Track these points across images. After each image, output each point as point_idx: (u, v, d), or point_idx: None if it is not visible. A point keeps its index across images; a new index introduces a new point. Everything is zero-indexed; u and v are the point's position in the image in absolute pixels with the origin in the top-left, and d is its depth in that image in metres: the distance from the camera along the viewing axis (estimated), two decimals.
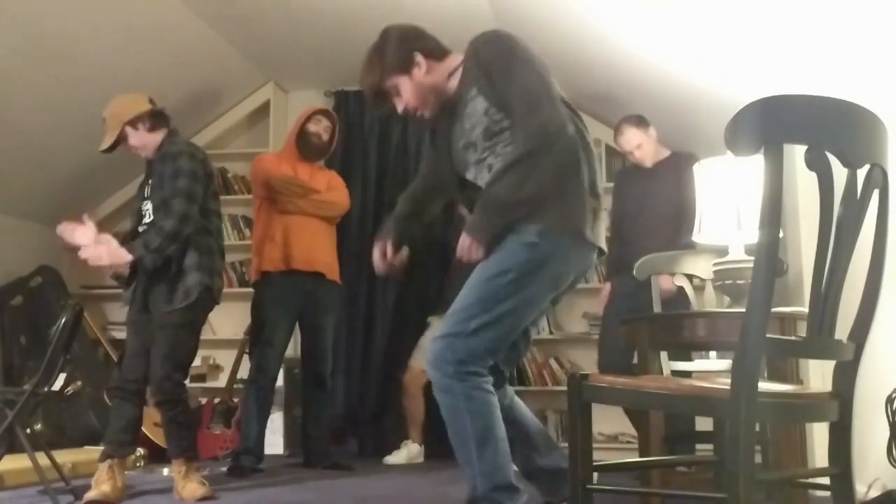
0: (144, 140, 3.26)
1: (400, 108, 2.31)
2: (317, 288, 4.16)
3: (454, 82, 2.25)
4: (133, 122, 3.22)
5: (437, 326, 4.20)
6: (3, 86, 4.19)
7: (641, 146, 3.93)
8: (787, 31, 3.12)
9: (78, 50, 4.21)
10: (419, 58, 2.27)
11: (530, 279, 2.04)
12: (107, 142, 3.25)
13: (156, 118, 3.27)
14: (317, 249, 4.16)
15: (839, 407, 1.59)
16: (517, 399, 2.37)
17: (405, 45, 2.29)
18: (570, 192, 2.10)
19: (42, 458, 3.16)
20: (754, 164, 2.31)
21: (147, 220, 3.22)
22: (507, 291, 2.02)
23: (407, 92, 2.27)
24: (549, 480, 2.29)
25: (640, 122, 3.95)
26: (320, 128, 4.27)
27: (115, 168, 4.93)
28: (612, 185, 5.28)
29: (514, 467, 2.12)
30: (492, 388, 2.05)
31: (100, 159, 3.36)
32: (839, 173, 1.41)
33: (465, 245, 2.08)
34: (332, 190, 4.32)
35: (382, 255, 2.39)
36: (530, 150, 2.03)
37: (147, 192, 3.28)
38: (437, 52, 2.32)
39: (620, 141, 4.00)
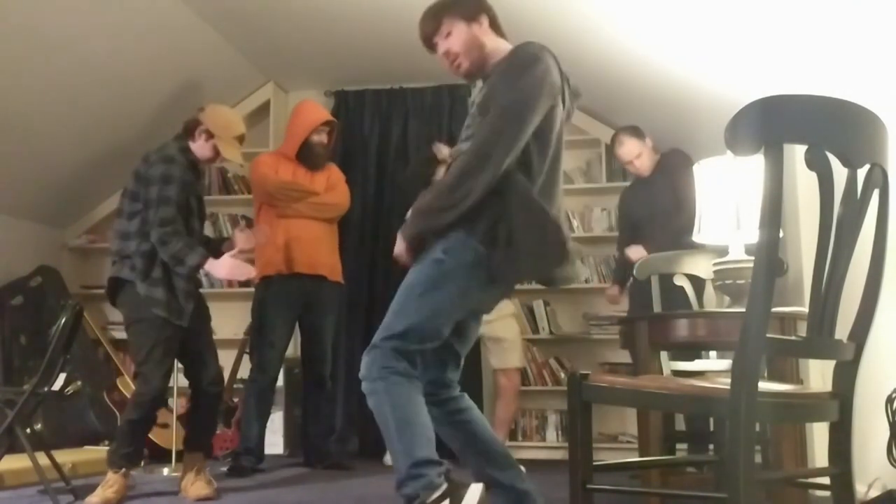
0: None
1: (441, 50, 2.33)
2: (318, 289, 4.16)
3: (492, 61, 2.29)
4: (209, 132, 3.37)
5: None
6: (3, 86, 4.19)
7: (641, 155, 4.01)
8: (787, 31, 3.12)
9: (77, 50, 4.21)
10: (484, 19, 2.33)
11: (435, 291, 2.14)
12: (236, 155, 3.41)
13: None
14: (318, 252, 4.16)
15: (839, 407, 1.59)
16: (477, 412, 2.36)
17: (479, 2, 2.36)
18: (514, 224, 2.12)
19: (42, 458, 3.17)
20: (754, 164, 2.31)
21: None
22: (416, 303, 2.14)
23: (458, 36, 2.30)
24: (506, 496, 2.25)
25: (637, 132, 4.02)
26: (322, 137, 4.27)
27: (115, 168, 4.93)
28: (612, 184, 5.33)
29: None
30: (414, 381, 2.14)
31: (100, 160, 3.36)
32: (839, 173, 1.41)
33: (399, 250, 2.25)
34: (331, 189, 4.31)
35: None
36: (465, 166, 2.11)
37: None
38: (498, 30, 2.39)
39: (620, 152, 4.06)
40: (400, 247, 2.25)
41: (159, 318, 3.11)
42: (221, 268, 3.15)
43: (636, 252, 3.93)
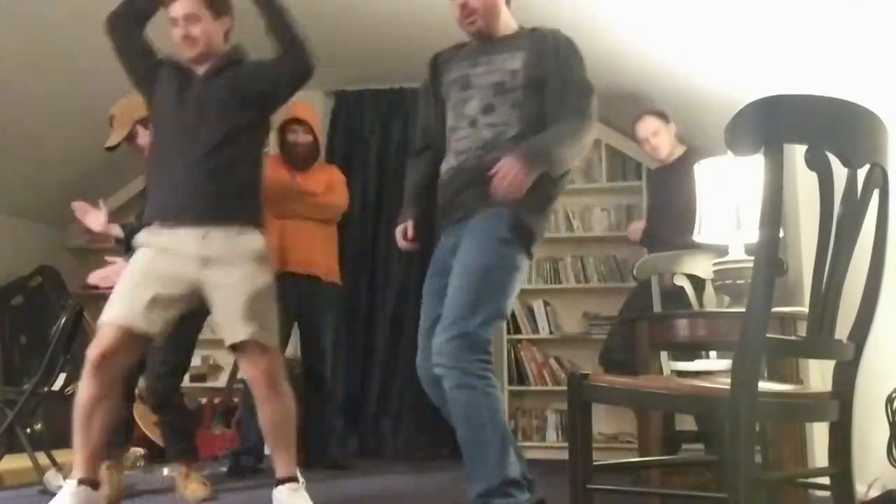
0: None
1: (459, 0, 2.36)
2: (313, 290, 4.16)
3: (501, 31, 2.39)
4: (144, 121, 3.20)
5: None
6: (2, 86, 4.19)
7: (658, 133, 3.91)
8: (787, 31, 3.12)
9: (77, 50, 4.21)
10: None
11: (509, 275, 2.16)
12: (115, 139, 3.24)
13: None
14: (313, 252, 4.15)
15: (839, 407, 1.59)
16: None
17: None
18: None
19: (42, 458, 3.16)
20: (754, 164, 2.31)
21: None
22: (495, 289, 2.13)
23: None
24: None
25: (662, 114, 3.96)
26: (298, 137, 4.23)
27: (115, 168, 4.93)
28: (612, 184, 5.33)
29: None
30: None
31: (100, 159, 3.37)
32: (839, 173, 1.41)
33: (512, 173, 2.09)
34: (330, 190, 4.30)
35: (404, 236, 2.52)
36: (582, 125, 2.24)
37: None
38: (508, 4, 2.48)
39: (638, 127, 3.99)
40: (518, 174, 2.10)
41: None
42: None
43: (635, 228, 4.05)
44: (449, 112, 2.41)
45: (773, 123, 1.40)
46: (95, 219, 3.11)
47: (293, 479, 2.57)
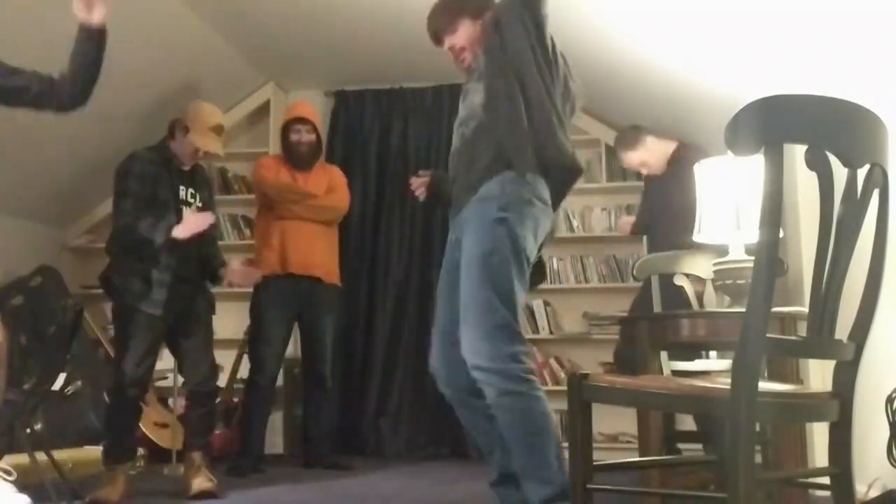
0: None
1: (447, 45, 2.45)
2: (314, 291, 4.17)
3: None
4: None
5: None
6: None
7: (646, 163, 3.92)
8: (787, 31, 3.12)
9: None
10: (489, 16, 2.40)
11: (507, 249, 2.15)
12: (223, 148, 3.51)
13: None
14: (314, 254, 4.16)
15: (839, 407, 1.59)
16: None
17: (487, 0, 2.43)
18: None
19: (42, 458, 3.16)
20: (754, 164, 2.31)
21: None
22: (500, 268, 2.13)
23: (464, 34, 2.41)
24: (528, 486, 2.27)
25: (635, 140, 3.91)
26: (301, 136, 4.25)
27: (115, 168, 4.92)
28: (612, 184, 5.33)
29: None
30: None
31: (99, 159, 3.37)
32: (839, 173, 1.41)
33: None
34: (331, 192, 4.31)
35: (420, 183, 2.61)
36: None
37: (187, 197, 3.39)
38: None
39: (624, 163, 4.04)
40: None
41: (132, 307, 3.20)
42: (181, 228, 3.17)
43: (624, 222, 4.13)
44: None
45: (773, 123, 1.40)
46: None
47: None
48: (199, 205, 3.41)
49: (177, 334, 3.35)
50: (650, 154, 3.90)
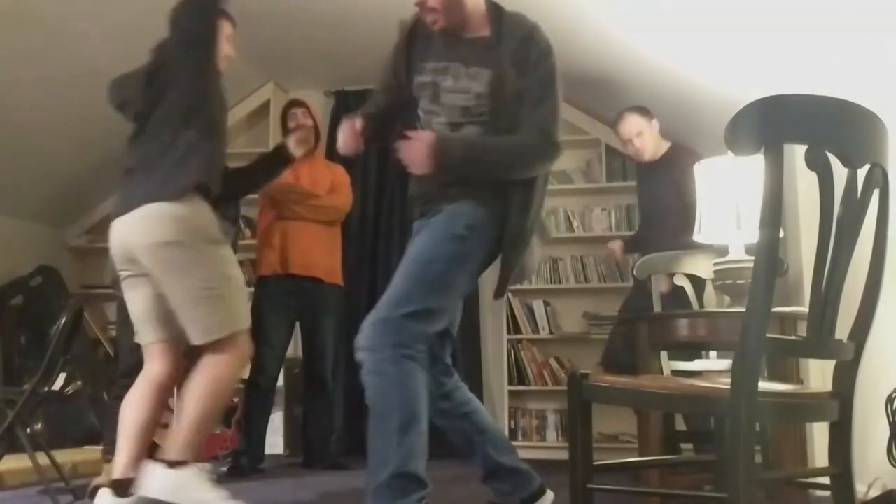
0: None
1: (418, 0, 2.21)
2: (315, 291, 4.16)
3: (473, 28, 2.23)
4: None
5: None
6: (3, 86, 4.19)
7: (642, 134, 3.88)
8: (787, 30, 3.12)
9: (77, 50, 4.21)
10: None
11: (457, 270, 2.07)
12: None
13: None
14: (314, 254, 4.15)
15: (839, 407, 1.59)
16: (470, 393, 2.35)
17: None
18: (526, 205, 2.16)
19: (42, 458, 3.17)
20: (754, 164, 2.30)
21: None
22: (437, 281, 2.04)
23: None
24: (511, 479, 2.28)
25: (643, 111, 3.92)
26: (298, 120, 4.23)
27: (115, 168, 4.91)
28: (611, 184, 5.33)
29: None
30: (425, 376, 2.00)
31: (99, 159, 3.37)
32: (839, 173, 1.41)
33: (419, 148, 2.08)
34: (334, 191, 4.29)
35: (352, 131, 2.35)
36: (531, 147, 2.13)
37: None
38: None
39: (621, 128, 3.94)
40: (421, 158, 2.09)
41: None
42: None
43: (615, 248, 4.14)
44: (418, 109, 2.31)
45: (773, 123, 1.40)
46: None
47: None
48: None
49: None
50: (650, 130, 3.90)
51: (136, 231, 2.44)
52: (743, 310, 1.41)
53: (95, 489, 3.01)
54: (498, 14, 2.24)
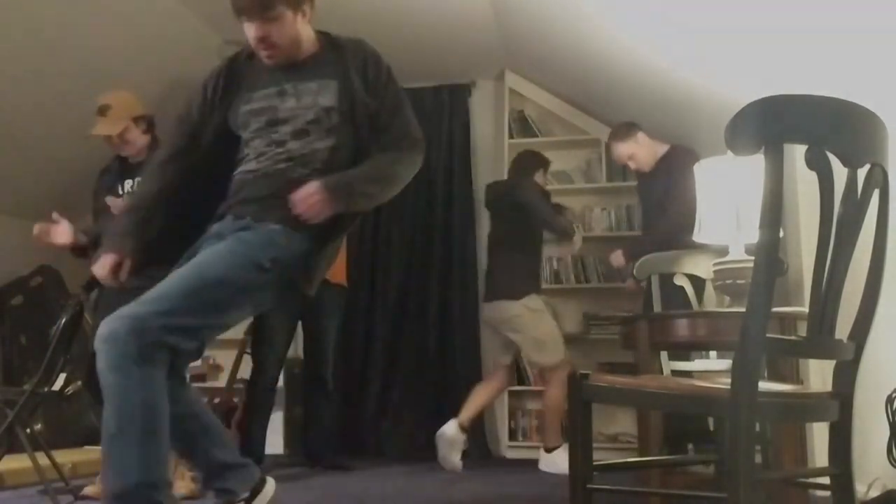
0: (138, 139, 3.33)
1: (258, 32, 2.13)
2: (317, 292, 4.14)
3: (304, 51, 2.23)
4: (137, 119, 3.31)
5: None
6: (3, 86, 4.19)
7: (634, 155, 3.99)
8: (787, 30, 3.12)
9: (77, 50, 4.21)
10: (309, 9, 2.22)
11: (245, 300, 1.98)
12: (114, 128, 3.26)
13: (150, 123, 3.38)
14: None
15: (839, 407, 1.59)
16: (194, 390, 2.22)
17: None
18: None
19: (42, 458, 3.17)
20: (754, 164, 2.30)
21: None
22: (221, 300, 1.91)
23: (281, 27, 2.13)
24: (235, 475, 2.20)
25: (626, 133, 3.99)
26: None
27: None
28: (612, 184, 5.33)
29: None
30: (165, 380, 1.84)
31: (100, 160, 3.37)
32: (839, 173, 1.41)
33: (314, 197, 2.00)
34: None
35: (113, 271, 2.12)
36: (407, 156, 2.19)
37: (124, 191, 3.34)
38: (313, 10, 2.27)
39: (613, 157, 4.10)
40: (320, 206, 2.01)
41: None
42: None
43: (616, 258, 4.06)
44: (246, 131, 2.21)
45: (773, 123, 1.40)
46: (61, 232, 3.18)
47: None
48: None
49: None
50: (639, 148, 3.98)
51: None
52: (743, 310, 1.41)
53: (84, 497, 3.03)
54: (330, 38, 2.30)
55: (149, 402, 1.78)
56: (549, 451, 4.20)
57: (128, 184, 3.33)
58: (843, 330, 1.55)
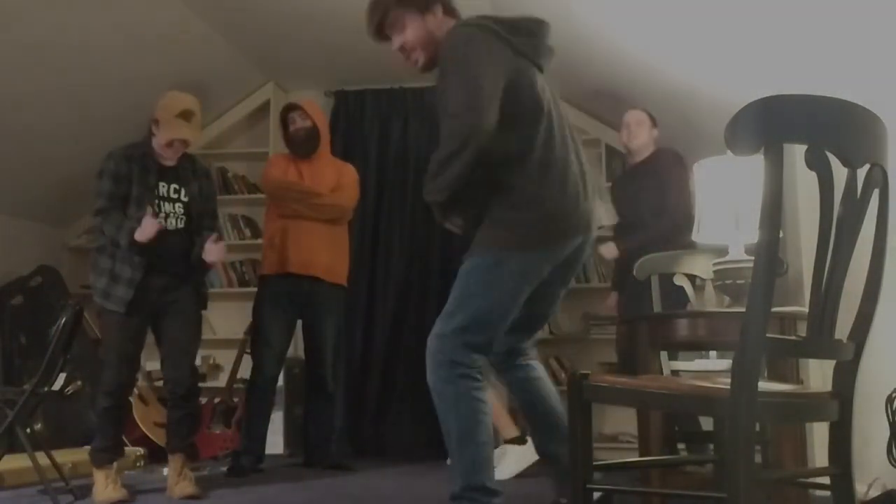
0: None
1: (396, 45, 2.30)
2: (315, 291, 4.14)
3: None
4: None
5: None
6: (3, 86, 4.19)
7: (641, 124, 3.99)
8: (786, 30, 3.12)
9: (78, 50, 4.21)
10: (439, 8, 2.28)
11: (495, 282, 2.14)
12: (197, 135, 3.38)
13: None
14: (315, 252, 4.12)
15: (839, 407, 1.59)
16: (547, 385, 2.43)
17: None
18: (515, 198, 2.18)
19: (42, 458, 3.17)
20: (754, 164, 2.30)
21: (177, 223, 3.29)
22: (477, 294, 2.13)
23: (413, 31, 2.27)
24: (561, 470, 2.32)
25: (652, 116, 4.03)
26: (296, 123, 4.21)
27: None
28: (611, 184, 5.31)
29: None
30: (482, 393, 2.14)
31: (100, 159, 3.37)
32: (839, 173, 1.41)
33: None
34: (339, 189, 4.26)
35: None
36: (448, 153, 2.12)
37: (169, 192, 3.29)
38: (453, 12, 2.34)
39: (627, 114, 4.06)
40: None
41: (103, 308, 3.16)
42: (140, 232, 3.06)
43: (608, 250, 4.00)
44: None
45: (773, 123, 1.40)
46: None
47: None
48: (186, 199, 3.30)
49: (159, 330, 3.29)
50: (648, 130, 4.01)
51: None
52: (743, 310, 1.41)
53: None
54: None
55: (461, 415, 2.14)
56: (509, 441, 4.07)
57: (163, 187, 3.27)
58: (843, 330, 1.55)
